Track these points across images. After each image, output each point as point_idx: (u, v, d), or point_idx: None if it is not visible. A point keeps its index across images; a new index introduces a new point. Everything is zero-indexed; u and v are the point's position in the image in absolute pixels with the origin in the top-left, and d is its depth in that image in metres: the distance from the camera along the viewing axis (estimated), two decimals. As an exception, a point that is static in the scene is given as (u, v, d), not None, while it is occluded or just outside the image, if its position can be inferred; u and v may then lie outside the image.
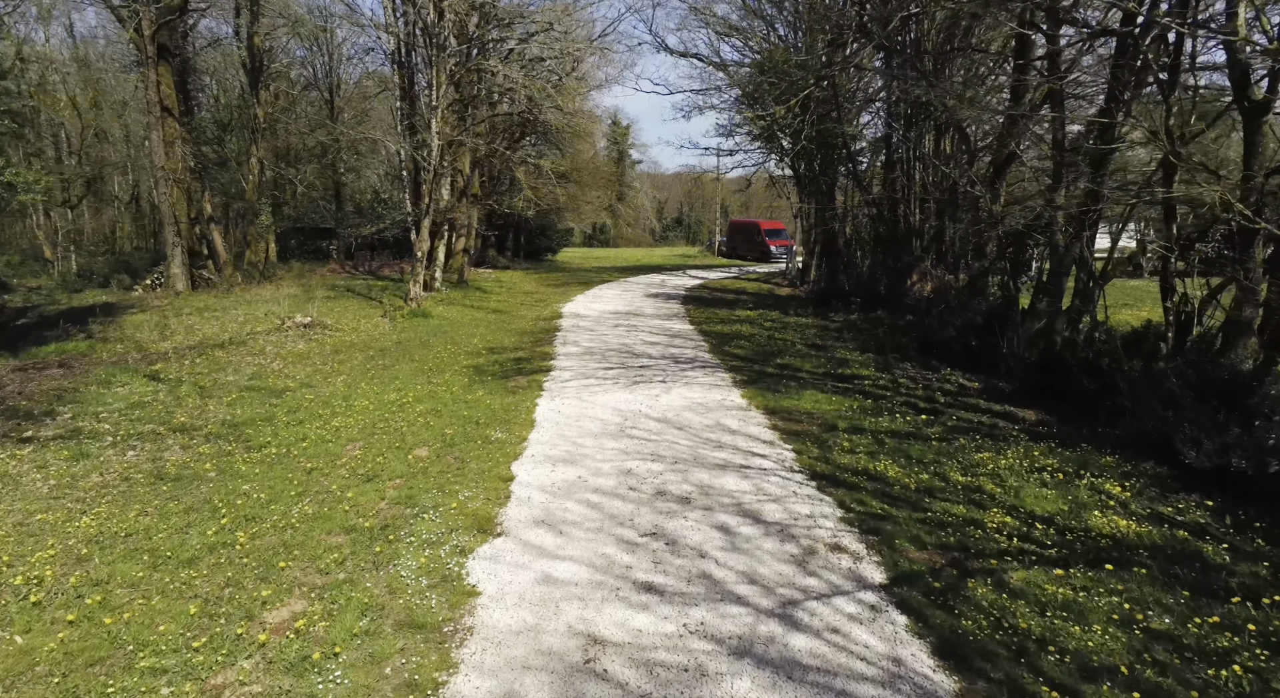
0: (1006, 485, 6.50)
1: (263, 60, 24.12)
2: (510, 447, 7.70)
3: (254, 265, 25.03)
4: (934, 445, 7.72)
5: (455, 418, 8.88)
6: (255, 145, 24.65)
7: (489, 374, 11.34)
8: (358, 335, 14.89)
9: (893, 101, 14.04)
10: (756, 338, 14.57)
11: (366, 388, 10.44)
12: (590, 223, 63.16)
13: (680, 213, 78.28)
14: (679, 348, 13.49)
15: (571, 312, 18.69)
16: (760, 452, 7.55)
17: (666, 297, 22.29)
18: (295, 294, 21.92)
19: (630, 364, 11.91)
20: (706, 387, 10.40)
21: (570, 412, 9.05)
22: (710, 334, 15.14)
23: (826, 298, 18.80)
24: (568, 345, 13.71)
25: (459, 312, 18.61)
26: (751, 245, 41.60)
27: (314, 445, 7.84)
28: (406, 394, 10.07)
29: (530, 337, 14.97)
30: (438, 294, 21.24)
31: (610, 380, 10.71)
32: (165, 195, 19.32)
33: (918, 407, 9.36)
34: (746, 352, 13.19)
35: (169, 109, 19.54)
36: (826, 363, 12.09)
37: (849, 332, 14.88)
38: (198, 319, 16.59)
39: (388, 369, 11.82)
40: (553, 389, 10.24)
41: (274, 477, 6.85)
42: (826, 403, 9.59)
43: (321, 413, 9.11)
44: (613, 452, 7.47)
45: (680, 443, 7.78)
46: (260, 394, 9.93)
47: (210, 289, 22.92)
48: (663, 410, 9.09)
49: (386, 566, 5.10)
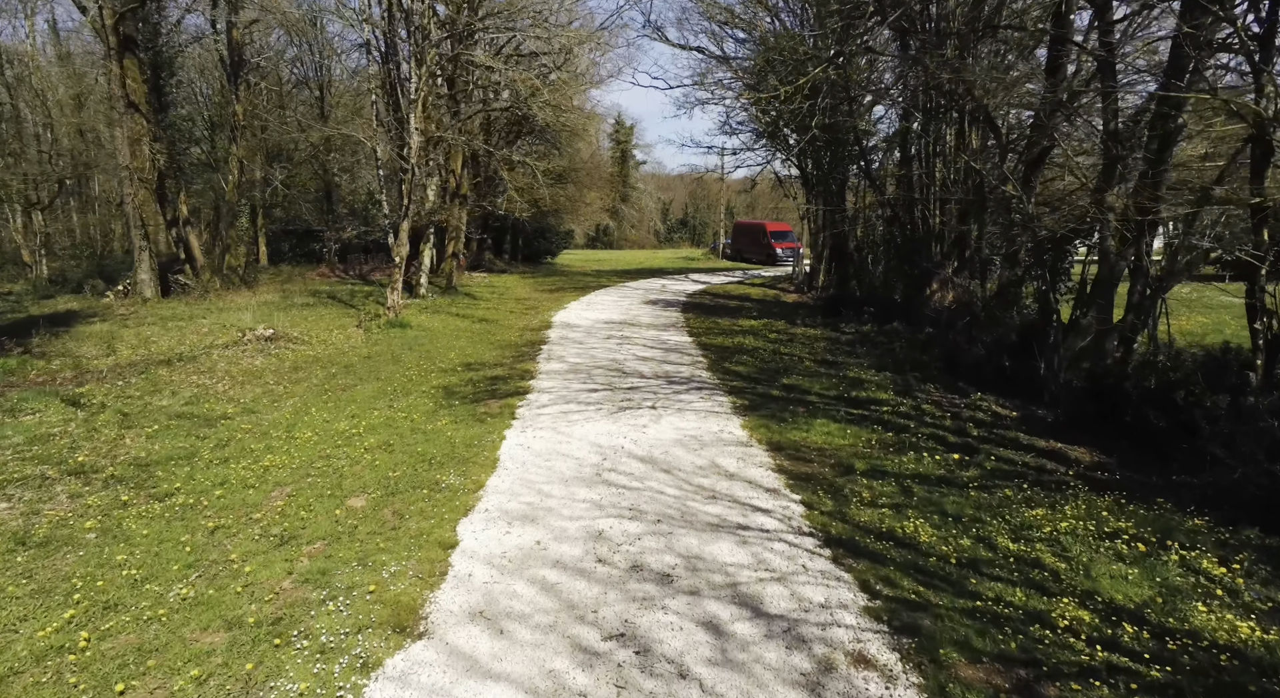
0: (1072, 558, 5.18)
1: (242, 54, 22.94)
2: (462, 497, 6.42)
3: (234, 270, 23.85)
4: (972, 496, 6.40)
5: (407, 455, 7.61)
6: (234, 144, 23.47)
7: (459, 397, 10.07)
8: (325, 349, 13.64)
9: (910, 91, 12.76)
10: (760, 352, 13.25)
11: (316, 415, 9.18)
12: (593, 224, 61.93)
13: (685, 214, 76.99)
14: (674, 364, 12.19)
15: (562, 321, 17.41)
16: (762, 504, 6.24)
17: (666, 304, 20.99)
18: (273, 301, 20.73)
19: (618, 385, 10.62)
20: (702, 414, 9.09)
21: (541, 447, 7.76)
22: (710, 348, 13.83)
23: (836, 306, 17.47)
24: (552, 362, 12.43)
25: (442, 321, 17.36)
26: (757, 248, 40.27)
27: (231, 493, 6.57)
28: (360, 423, 8.81)
29: (513, 350, 13.71)
30: (422, 301, 20.01)
31: (593, 406, 9.41)
32: (130, 196, 18.13)
33: (947, 441, 8.03)
34: (749, 369, 11.88)
35: (135, 104, 18.35)
36: (838, 383, 10.77)
37: (862, 345, 13.55)
38: (157, 330, 15.38)
39: (347, 391, 10.57)
40: (526, 417, 8.95)
41: (165, 540, 5.58)
42: (840, 435, 8.28)
43: (254, 448, 7.84)
44: (583, 505, 6.17)
45: (666, 492, 6.48)
46: (191, 423, 8.68)
47: (185, 295, 21.77)
48: (649, 446, 7.79)
49: (258, 690, 3.81)
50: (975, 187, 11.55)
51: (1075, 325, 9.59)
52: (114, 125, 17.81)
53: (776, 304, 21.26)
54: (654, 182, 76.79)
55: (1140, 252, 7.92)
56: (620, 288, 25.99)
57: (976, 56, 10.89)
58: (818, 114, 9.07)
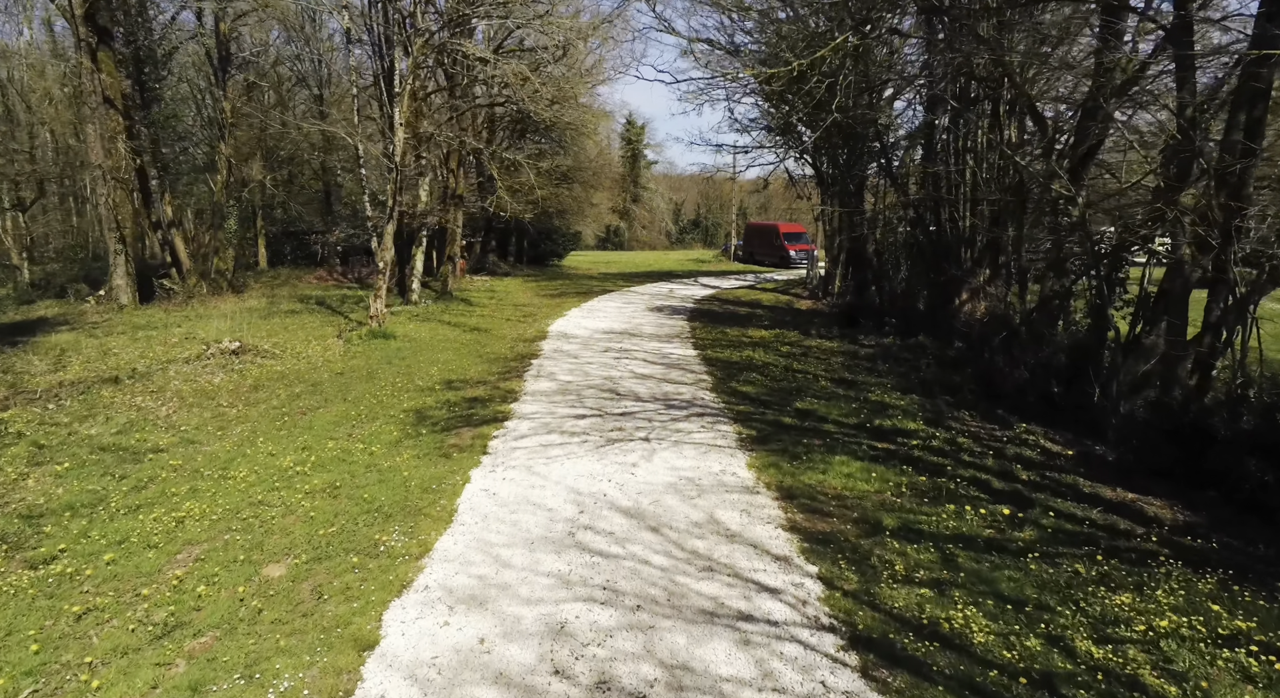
0: (1184, 678, 3.91)
1: (229, 49, 21.96)
2: (401, 567, 5.23)
3: (222, 274, 22.87)
4: (1033, 571, 5.14)
5: (353, 503, 6.45)
6: (223, 142, 22.49)
7: (430, 424, 8.91)
8: (296, 363, 12.53)
9: (937, 80, 11.48)
10: (771, 369, 12.00)
11: (261, 447, 8.04)
12: (601, 226, 60.79)
13: (697, 215, 75.71)
14: (675, 384, 10.97)
15: (559, 331, 16.23)
16: (771, 581, 5.01)
17: (672, 311, 19.76)
18: (257, 307, 19.72)
19: (609, 410, 9.41)
20: (702, 449, 7.87)
21: (509, 494, 6.57)
22: (716, 363, 12.60)
23: (854, 316, 16.18)
24: (540, 379, 11.24)
25: (431, 330, 16.23)
26: (770, 250, 38.96)
27: (126, 558, 5.43)
28: (309, 457, 7.66)
29: (501, 365, 12.54)
30: (413, 308, 18.91)
31: (578, 438, 8.21)
32: (104, 196, 17.13)
33: (992, 488, 6.76)
34: (758, 390, 10.64)
35: (111, 100, 17.37)
36: (859, 409, 9.50)
37: (884, 362, 12.26)
38: (123, 341, 14.35)
39: (307, 415, 9.44)
40: (499, 452, 7.77)
41: (14, 631, 4.44)
42: (864, 478, 7.03)
43: (175, 493, 6.71)
44: (547, 582, 4.97)
45: (652, 562, 5.26)
46: (113, 459, 7.56)
47: (167, 301, 20.81)
48: (637, 493, 6.58)
49: None
50: (1015, 186, 10.25)
51: (1136, 346, 8.28)
52: (85, 121, 16.80)
53: (789, 312, 19.99)
54: (665, 182, 75.51)
55: (1227, 259, 6.62)
56: (625, 293, 24.79)
57: (1014, 39, 9.60)
58: (838, 94, 7.81)
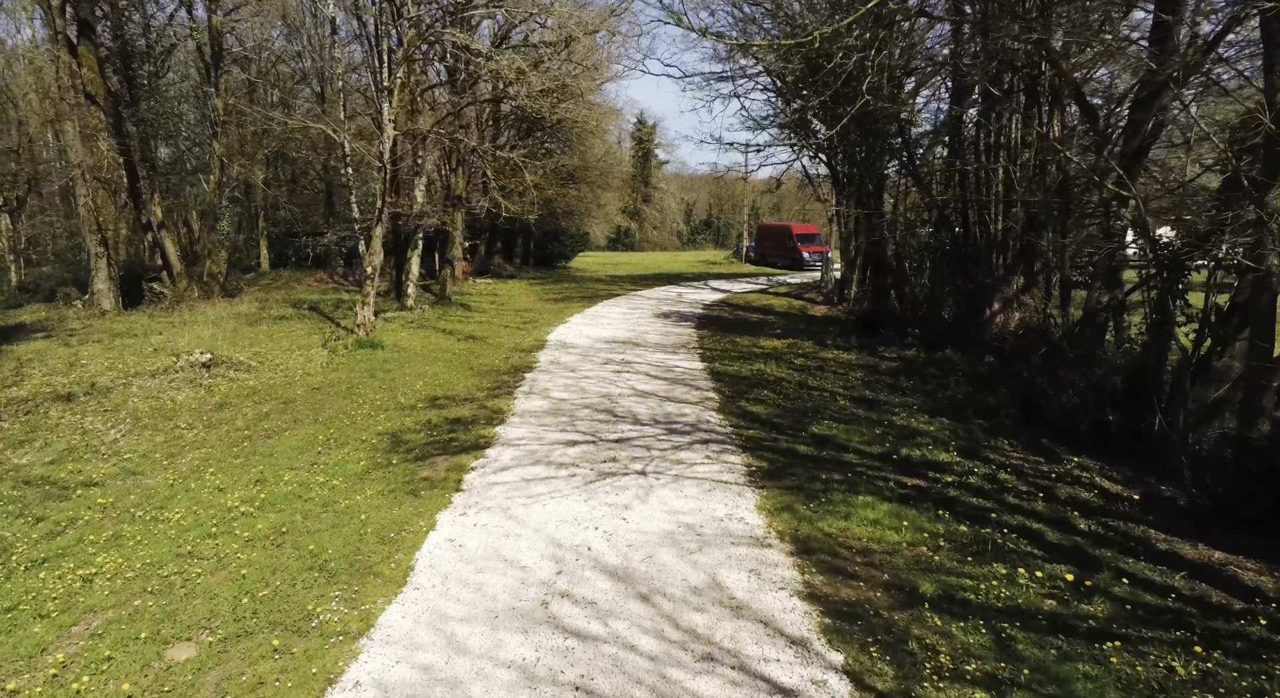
0: None
1: (222, 45, 21.19)
2: (332, 652, 4.29)
3: (214, 277, 22.11)
4: (1114, 666, 4.12)
5: (296, 555, 5.53)
6: (215, 140, 21.72)
7: (403, 451, 7.99)
8: (273, 376, 11.67)
9: (966, 67, 10.43)
10: (784, 385, 11.00)
11: (211, 479, 7.15)
12: (612, 226, 59.84)
13: (709, 215, 74.65)
14: (679, 403, 9.99)
15: (558, 340, 15.29)
16: (785, 679, 4.03)
17: (679, 318, 18.78)
18: (247, 313, 18.92)
19: (604, 435, 8.45)
20: (706, 486, 6.89)
21: (478, 546, 5.62)
22: (724, 378, 11.61)
23: (873, 324, 15.14)
24: (532, 397, 10.30)
25: (423, 339, 15.34)
26: (782, 252, 37.88)
27: (6, 633, 4.53)
28: (261, 493, 6.76)
29: (492, 379, 11.62)
30: (407, 315, 18.04)
31: (566, 471, 7.25)
32: (84, 197, 16.38)
33: (1046, 540, 5.74)
34: (769, 410, 9.64)
35: (92, 96, 16.62)
36: (884, 435, 8.49)
37: (907, 377, 11.23)
38: (96, 350, 13.56)
39: (272, 437, 8.55)
40: (475, 489, 6.83)
41: None
42: (893, 525, 6.03)
43: (94, 539, 5.81)
44: (506, 679, 4.01)
45: (639, 647, 4.29)
46: (36, 495, 6.69)
47: (155, 305, 20.07)
48: (627, 545, 5.61)
49: None
50: (1058, 185, 9.19)
51: (1204, 369, 7.23)
52: (64, 118, 16.03)
53: (803, 318, 18.95)
54: (677, 182, 74.51)
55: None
56: (632, 297, 23.83)
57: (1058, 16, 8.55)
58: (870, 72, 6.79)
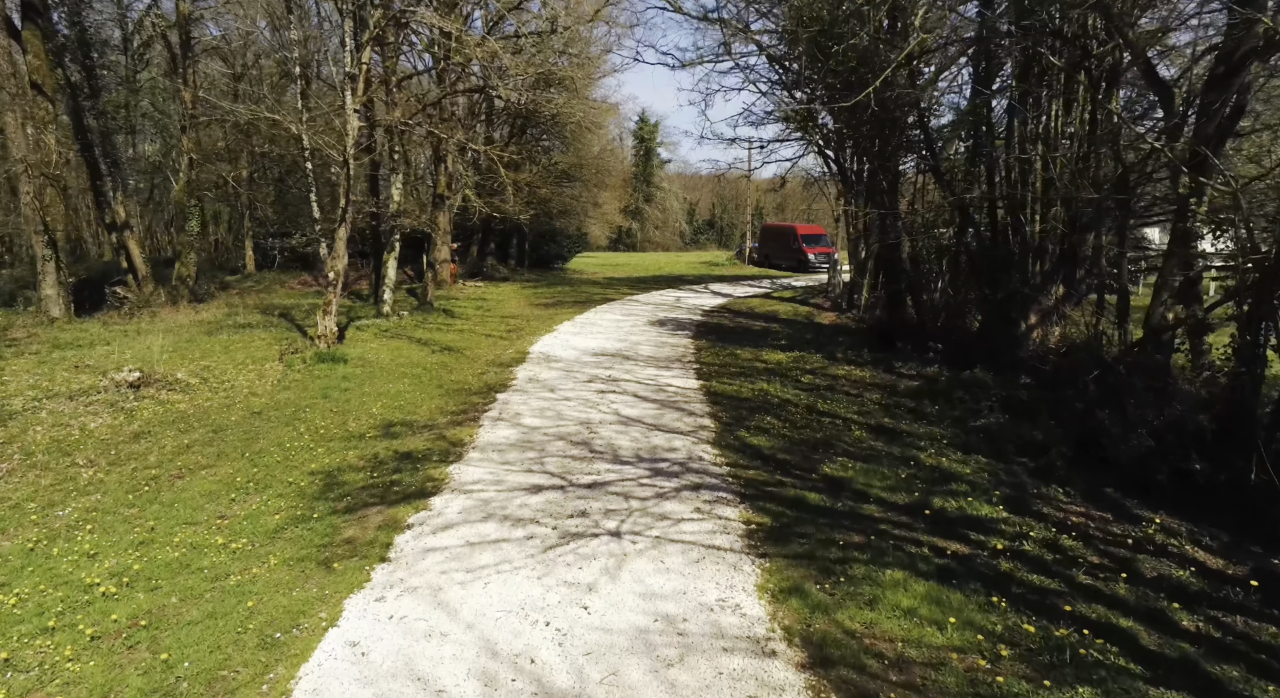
0: None
1: (189, 33, 19.86)
2: None
3: (183, 280, 20.79)
4: None
5: (146, 664, 4.17)
6: (184, 135, 20.40)
7: (334, 497, 6.64)
8: (212, 397, 10.32)
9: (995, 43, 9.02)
10: (791, 410, 9.60)
11: (85, 539, 5.80)
12: (611, 227, 58.48)
13: (712, 215, 73.29)
14: (668, 433, 8.60)
15: (542, 352, 13.93)
16: None
17: (676, 325, 17.40)
18: (210, 320, 17.61)
19: (576, 477, 7.07)
20: (694, 555, 5.50)
21: (386, 655, 4.24)
22: (722, 399, 10.23)
23: (888, 336, 13.73)
24: (500, 424, 8.93)
25: (393, 351, 13.98)
26: (786, 253, 36.50)
27: None
28: (137, 561, 5.41)
29: (460, 400, 10.28)
30: (383, 322, 16.70)
31: (523, 529, 5.87)
32: (29, 194, 15.05)
33: (1141, 648, 4.34)
34: (774, 443, 8.25)
35: (40, 85, 15.30)
36: (911, 477, 7.09)
37: (931, 401, 9.82)
38: (26, 365, 12.23)
39: (182, 479, 7.20)
40: (404, 557, 5.45)
41: None
42: (934, 619, 4.63)
43: (-108, 638, 4.46)
44: None
45: None
46: None
47: (115, 311, 18.74)
48: (584, 655, 4.23)
49: None
50: (1118, 179, 7.77)
51: (1313, 406, 5.82)
52: (5, 109, 14.70)
53: (810, 327, 17.55)
54: (679, 181, 73.23)
55: None
56: (627, 302, 22.46)
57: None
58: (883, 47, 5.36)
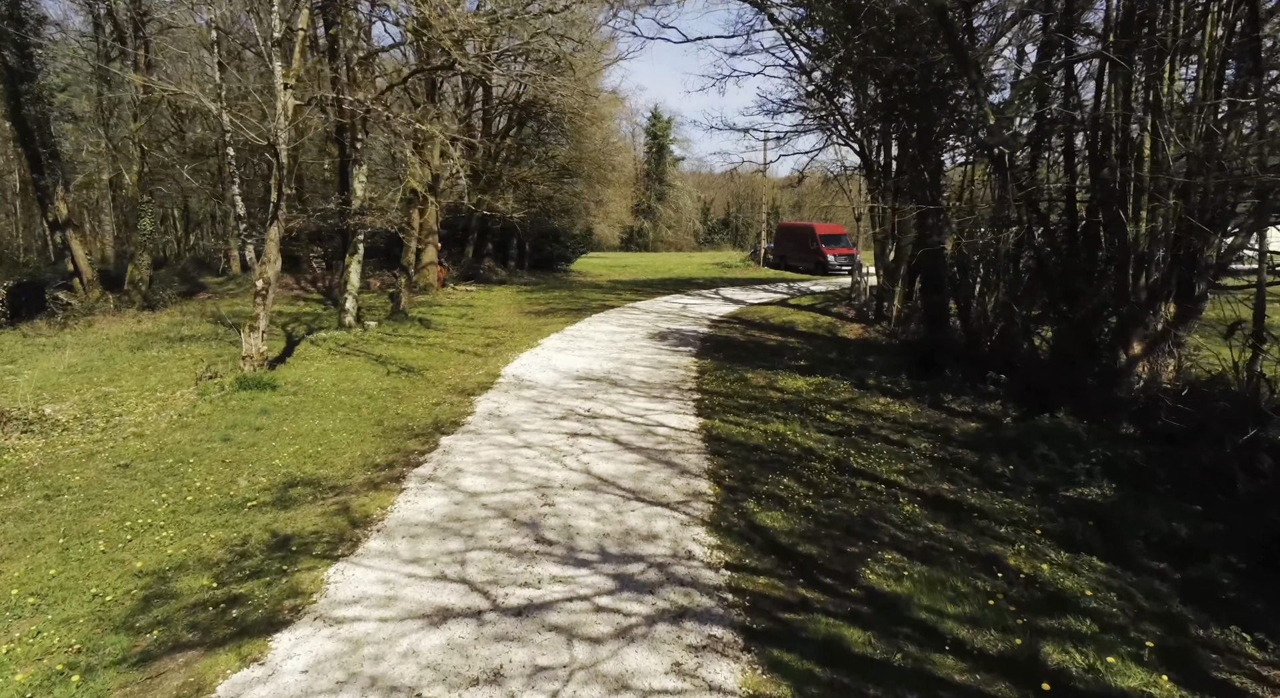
0: None
1: (141, 6, 17.84)
2: None
3: (135, 285, 18.81)
4: None
5: None
6: (135, 121, 18.41)
7: (144, 623, 4.48)
8: (78, 441, 8.20)
9: None
10: (814, 467, 7.28)
11: None
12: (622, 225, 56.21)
13: (727, 214, 70.87)
14: (649, 506, 6.32)
15: (515, 375, 11.69)
16: None
17: (678, 340, 15.10)
18: (150, 331, 15.57)
19: (505, 596, 4.81)
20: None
21: None
22: (726, 450, 7.92)
23: (930, 358, 11.36)
24: (428, 490, 6.70)
25: (341, 372, 11.81)
26: (804, 254, 34.01)
27: None
28: None
29: (396, 443, 8.09)
30: (343, 334, 14.56)
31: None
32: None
33: None
34: (793, 523, 5.95)
35: (-54, 64, 13.31)
36: (1000, 601, 4.77)
37: (1003, 456, 7.45)
38: (-109, 391, 10.20)
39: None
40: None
41: None
42: None
43: None
44: None
45: None
46: None
47: (51, 319, 16.84)
48: None
49: None
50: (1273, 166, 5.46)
51: None
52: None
53: (833, 342, 15.18)
54: (693, 180, 70.94)
55: None
56: (627, 310, 20.17)
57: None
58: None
